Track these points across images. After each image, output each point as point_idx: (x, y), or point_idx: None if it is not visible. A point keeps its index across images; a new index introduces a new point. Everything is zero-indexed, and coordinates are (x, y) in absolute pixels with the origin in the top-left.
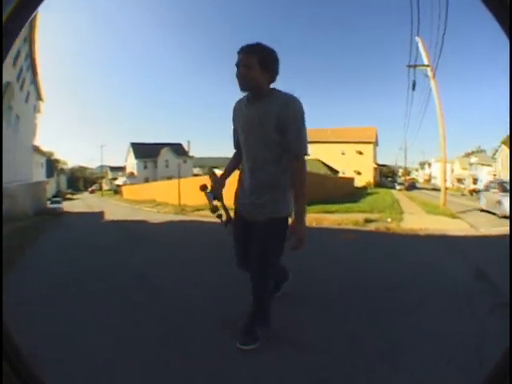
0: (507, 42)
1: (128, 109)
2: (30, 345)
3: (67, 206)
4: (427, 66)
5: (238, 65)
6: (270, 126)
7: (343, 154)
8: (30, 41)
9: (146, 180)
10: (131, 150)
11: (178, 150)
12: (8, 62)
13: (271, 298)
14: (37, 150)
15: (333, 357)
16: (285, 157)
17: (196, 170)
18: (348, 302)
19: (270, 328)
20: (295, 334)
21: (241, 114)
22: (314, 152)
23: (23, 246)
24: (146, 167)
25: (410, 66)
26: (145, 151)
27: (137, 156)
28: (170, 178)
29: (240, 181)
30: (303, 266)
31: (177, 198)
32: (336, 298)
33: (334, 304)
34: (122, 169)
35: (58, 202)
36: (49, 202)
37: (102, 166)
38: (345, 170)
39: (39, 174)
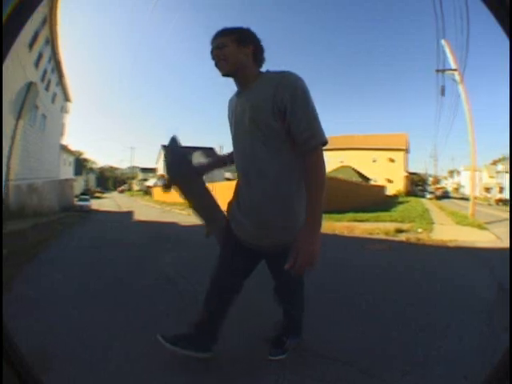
0: (507, 42)
1: (161, 111)
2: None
3: (96, 204)
4: (454, 70)
5: (212, 52)
6: (264, 114)
7: (374, 161)
8: (52, 42)
9: None
10: (162, 152)
11: (210, 154)
12: (29, 62)
13: (303, 310)
14: (65, 148)
15: (359, 371)
16: (290, 153)
17: (227, 175)
18: (373, 315)
19: (301, 340)
20: (321, 347)
21: (231, 110)
22: (345, 159)
23: (46, 239)
24: None
25: (438, 71)
26: None
27: None
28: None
29: (236, 193)
30: (329, 276)
31: None
32: (361, 312)
33: (359, 317)
34: (152, 170)
35: (86, 200)
36: (76, 200)
37: (132, 167)
38: (376, 177)
39: (67, 172)
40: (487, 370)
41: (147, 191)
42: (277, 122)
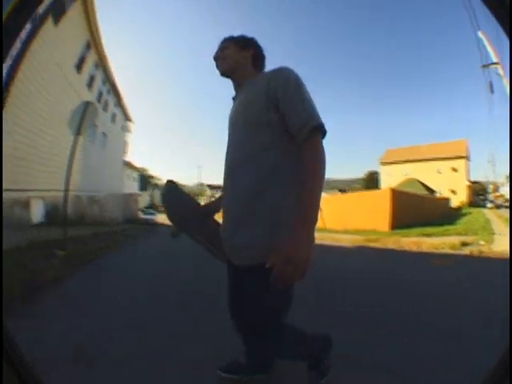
0: (507, 41)
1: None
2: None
3: (161, 218)
4: (496, 63)
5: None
6: (256, 109)
7: (439, 172)
8: (102, 66)
9: None
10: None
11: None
12: (81, 84)
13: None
14: (128, 164)
15: None
16: (286, 151)
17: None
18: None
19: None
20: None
21: (229, 116)
22: (410, 171)
23: (106, 247)
24: None
25: (484, 66)
26: None
27: None
28: None
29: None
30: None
31: None
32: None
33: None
34: (220, 187)
35: (151, 214)
36: (141, 213)
37: (200, 184)
38: (440, 189)
39: (132, 187)
40: (487, 370)
41: None
42: (271, 115)
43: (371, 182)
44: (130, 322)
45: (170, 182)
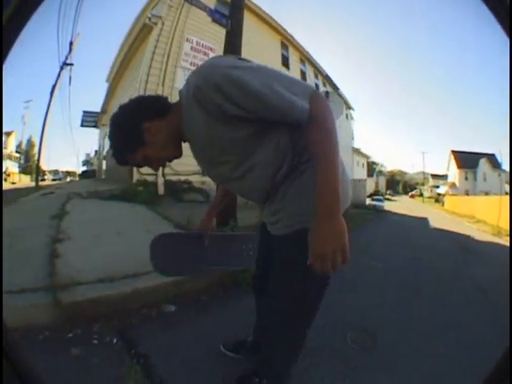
0: (507, 41)
1: (452, 114)
2: None
3: (387, 205)
4: None
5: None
6: (207, 133)
7: None
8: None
9: (466, 193)
10: (452, 158)
11: (494, 161)
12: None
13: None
14: (356, 151)
15: None
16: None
17: (507, 187)
18: None
19: None
20: None
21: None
22: None
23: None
24: (466, 178)
25: None
26: (465, 161)
27: (459, 165)
28: (487, 193)
29: None
30: None
31: (496, 218)
32: None
33: None
34: (442, 177)
35: (380, 200)
36: (369, 199)
37: (423, 173)
38: None
39: (360, 173)
40: (487, 370)
41: (438, 199)
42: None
43: None
44: None
45: (159, 240)
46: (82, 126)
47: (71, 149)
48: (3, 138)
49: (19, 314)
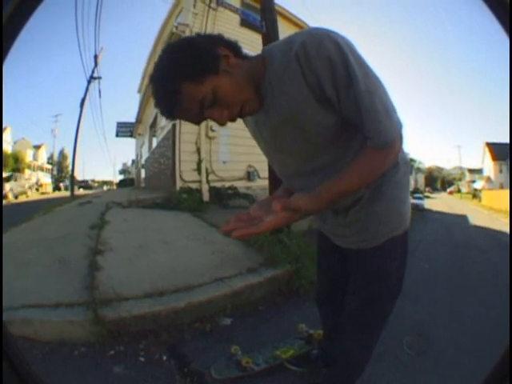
0: (507, 41)
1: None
2: None
3: (427, 203)
4: None
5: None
6: (300, 106)
7: None
8: None
9: (501, 186)
10: (486, 150)
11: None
12: None
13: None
14: None
15: None
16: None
17: None
18: None
19: None
20: None
21: (258, 129)
22: None
23: None
24: (501, 171)
25: None
26: (499, 152)
27: (493, 157)
28: None
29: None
30: None
31: None
32: None
33: None
34: (478, 171)
35: (421, 198)
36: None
37: (459, 168)
38: None
39: None
40: (487, 370)
41: (475, 194)
42: (323, 109)
43: None
44: None
45: None
46: (117, 136)
47: (107, 159)
48: (32, 151)
49: (52, 329)
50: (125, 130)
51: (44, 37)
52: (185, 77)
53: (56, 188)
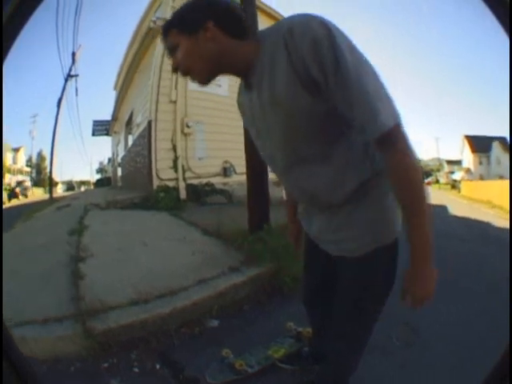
0: (507, 41)
1: (464, 98)
2: None
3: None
4: None
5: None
6: (285, 91)
7: None
8: None
9: (481, 177)
10: (466, 143)
11: (505, 144)
12: None
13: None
14: None
15: None
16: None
17: None
18: None
19: None
20: None
21: (245, 108)
22: None
23: None
24: (480, 163)
25: None
26: (478, 145)
27: (473, 150)
28: (501, 177)
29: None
30: None
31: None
32: None
33: None
34: (457, 163)
35: None
36: None
37: (438, 159)
38: None
39: None
40: (487, 370)
41: (454, 185)
42: (311, 96)
43: None
44: None
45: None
46: (93, 135)
47: (84, 158)
48: (11, 154)
49: (45, 346)
50: (101, 128)
51: (21, 35)
52: (173, 24)
53: (12, 195)
